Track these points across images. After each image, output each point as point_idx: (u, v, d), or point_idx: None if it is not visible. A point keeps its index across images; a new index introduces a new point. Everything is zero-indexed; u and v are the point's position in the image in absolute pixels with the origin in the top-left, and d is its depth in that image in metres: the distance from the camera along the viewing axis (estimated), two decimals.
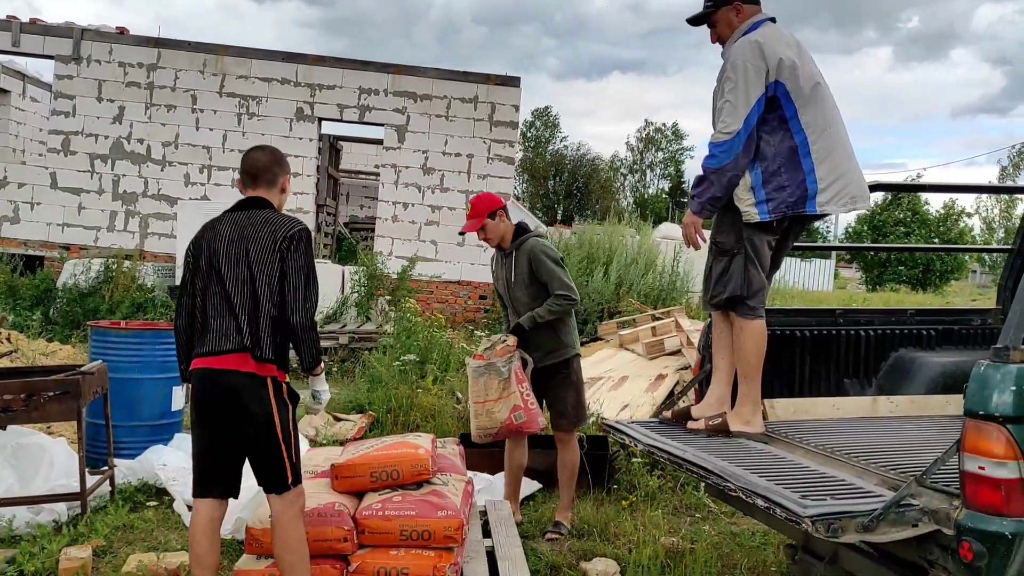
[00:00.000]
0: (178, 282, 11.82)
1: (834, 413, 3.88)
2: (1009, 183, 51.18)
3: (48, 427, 5.66)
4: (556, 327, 4.75)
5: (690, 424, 3.73)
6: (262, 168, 3.36)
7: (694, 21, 3.81)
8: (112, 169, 13.50)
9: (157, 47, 13.60)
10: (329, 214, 15.86)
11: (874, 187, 4.63)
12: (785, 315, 4.21)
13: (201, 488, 3.24)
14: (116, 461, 5.16)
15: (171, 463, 5.21)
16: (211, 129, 13.61)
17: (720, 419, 3.62)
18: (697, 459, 3.13)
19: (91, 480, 4.71)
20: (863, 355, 4.23)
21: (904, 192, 33.70)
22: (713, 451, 3.29)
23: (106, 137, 13.47)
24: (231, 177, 13.56)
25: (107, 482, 4.97)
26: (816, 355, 4.14)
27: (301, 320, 3.15)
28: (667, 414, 3.92)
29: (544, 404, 4.85)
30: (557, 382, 4.79)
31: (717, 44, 3.78)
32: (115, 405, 5.24)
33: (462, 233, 5.06)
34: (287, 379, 3.25)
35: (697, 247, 3.75)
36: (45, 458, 4.77)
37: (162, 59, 13.56)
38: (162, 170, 13.57)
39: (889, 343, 4.26)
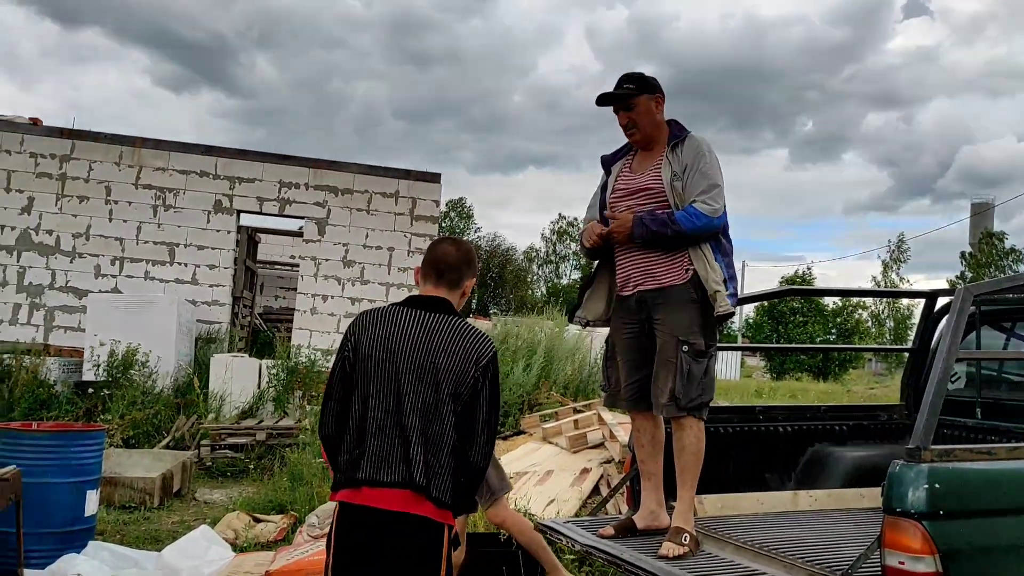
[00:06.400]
0: (85, 378, 11.56)
1: (759, 508, 4.04)
2: (893, 277, 54.28)
3: None
4: None
5: (663, 551, 3.33)
6: (450, 265, 2.80)
7: (608, 100, 3.67)
8: (18, 261, 13.05)
9: (71, 138, 13.40)
10: (245, 306, 15.63)
11: (787, 292, 5.05)
12: (711, 413, 4.41)
13: None
14: (25, 572, 4.90)
15: (86, 572, 4.96)
16: (125, 221, 13.36)
17: (687, 536, 3.42)
18: (635, 559, 3.23)
19: None
20: (782, 450, 4.46)
21: (812, 296, 35.61)
22: (648, 551, 3.39)
23: (13, 228, 13.07)
24: (144, 269, 13.30)
25: None
26: (740, 451, 4.34)
27: (483, 464, 2.66)
28: (609, 529, 3.69)
29: None
30: None
31: (634, 133, 3.69)
32: (24, 511, 5.00)
33: None
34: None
35: (600, 235, 3.66)
36: None
37: (76, 150, 13.35)
38: (71, 262, 13.19)
39: (806, 439, 4.50)
